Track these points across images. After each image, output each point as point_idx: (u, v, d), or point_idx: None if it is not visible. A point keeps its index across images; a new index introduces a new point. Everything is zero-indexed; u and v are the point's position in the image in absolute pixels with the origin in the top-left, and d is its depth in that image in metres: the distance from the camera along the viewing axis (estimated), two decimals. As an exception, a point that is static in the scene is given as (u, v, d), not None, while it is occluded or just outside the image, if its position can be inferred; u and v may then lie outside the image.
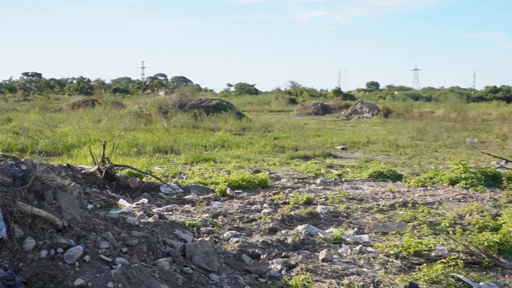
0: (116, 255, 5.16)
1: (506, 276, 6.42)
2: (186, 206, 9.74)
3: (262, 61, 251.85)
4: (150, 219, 7.98)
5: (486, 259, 6.71)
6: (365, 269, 6.55)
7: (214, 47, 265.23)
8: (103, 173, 10.78)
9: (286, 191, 11.39)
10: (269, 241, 7.52)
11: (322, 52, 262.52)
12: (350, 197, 10.88)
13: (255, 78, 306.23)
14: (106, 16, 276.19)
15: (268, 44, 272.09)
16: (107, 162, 11.06)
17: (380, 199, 10.75)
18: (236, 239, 7.60)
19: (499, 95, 75.35)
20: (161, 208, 9.45)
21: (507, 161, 15.49)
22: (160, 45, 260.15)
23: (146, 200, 9.96)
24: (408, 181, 12.68)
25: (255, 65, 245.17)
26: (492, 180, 12.32)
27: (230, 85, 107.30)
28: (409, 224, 8.71)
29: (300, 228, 8.21)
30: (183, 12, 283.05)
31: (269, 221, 8.68)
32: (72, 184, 7.25)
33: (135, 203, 9.75)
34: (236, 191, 11.24)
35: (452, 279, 6.07)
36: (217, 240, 7.61)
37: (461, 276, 6.10)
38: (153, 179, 11.60)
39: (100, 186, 10.58)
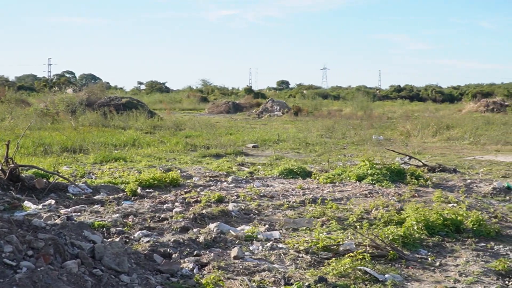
0: (21, 258, 4.98)
1: (410, 267, 6.69)
2: (96, 206, 9.52)
3: (174, 59, 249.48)
4: (58, 221, 7.75)
5: (391, 252, 6.97)
6: (276, 265, 6.64)
7: (124, 44, 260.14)
8: (7, 174, 10.36)
9: (198, 189, 11.36)
10: (181, 240, 7.48)
11: (233, 51, 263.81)
12: (261, 194, 11.00)
13: (166, 76, 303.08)
14: (9, 10, 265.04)
15: (180, 42, 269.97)
16: (11, 162, 10.63)
17: (291, 196, 10.92)
18: (147, 238, 7.52)
19: (403, 94, 78.31)
20: (69, 209, 9.19)
21: (410, 157, 16.19)
22: (68, 41, 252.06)
23: (53, 201, 9.66)
24: (317, 177, 12.95)
25: (166, 63, 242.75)
26: (397, 176, 12.80)
27: (140, 83, 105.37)
28: (318, 219, 8.90)
29: (212, 226, 8.22)
30: (92, 8, 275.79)
31: (180, 220, 8.63)
32: (-27, 185, 6.94)
33: (42, 204, 9.44)
34: (147, 190, 11.11)
35: (359, 272, 6.26)
36: (127, 240, 7.49)
37: (367, 269, 6.31)
38: (60, 179, 11.25)
39: (4, 187, 10.15)
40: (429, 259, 7.05)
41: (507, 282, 6.26)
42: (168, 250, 7.05)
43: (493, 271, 6.58)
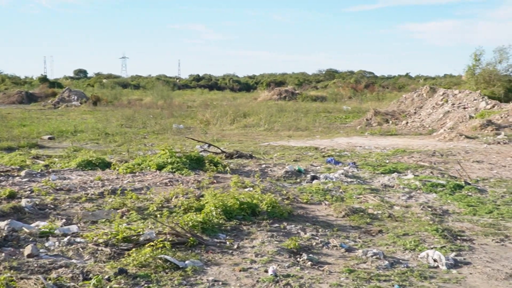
0: None
1: (209, 252, 6.88)
2: None
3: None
4: None
5: (191, 238, 7.11)
6: (74, 260, 6.44)
7: None
8: None
9: (-14, 186, 10.60)
10: (-33, 242, 6.93)
11: (25, 38, 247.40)
12: (57, 188, 10.55)
13: None
14: None
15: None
16: None
17: (89, 188, 10.63)
18: None
19: (202, 83, 79.96)
20: None
21: (209, 145, 16.65)
22: None
23: None
24: (117, 168, 12.74)
25: None
26: (196, 163, 13.06)
27: None
28: (118, 211, 8.79)
29: (2, 224, 7.70)
30: None
31: (-35, 220, 7.99)
32: None
33: None
34: None
35: (160, 261, 6.29)
36: None
37: (168, 257, 6.37)
38: None
39: None
40: (228, 242, 7.31)
41: (298, 258, 6.70)
42: (-49, 253, 6.48)
43: (286, 250, 7.01)
